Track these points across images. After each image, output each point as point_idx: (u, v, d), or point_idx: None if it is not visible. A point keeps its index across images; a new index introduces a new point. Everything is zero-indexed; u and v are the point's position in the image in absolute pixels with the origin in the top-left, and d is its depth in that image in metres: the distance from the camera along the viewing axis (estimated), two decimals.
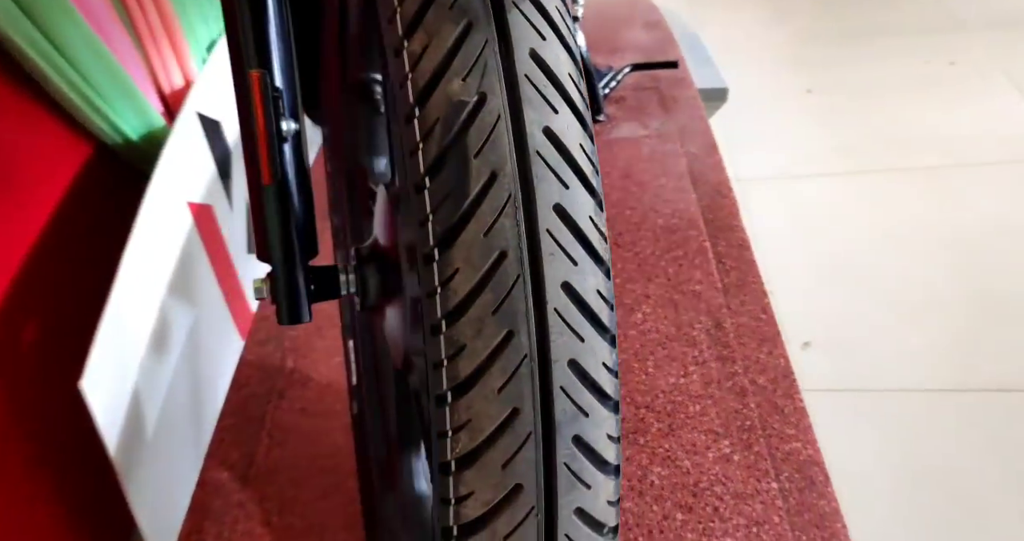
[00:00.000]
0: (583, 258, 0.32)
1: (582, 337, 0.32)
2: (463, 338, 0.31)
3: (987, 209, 1.71)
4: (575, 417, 0.32)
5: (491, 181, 0.30)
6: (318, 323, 1.04)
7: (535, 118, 0.31)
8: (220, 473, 0.87)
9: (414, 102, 0.31)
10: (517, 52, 0.31)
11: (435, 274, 0.31)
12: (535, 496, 0.32)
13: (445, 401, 0.32)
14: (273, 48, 0.50)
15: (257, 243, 0.55)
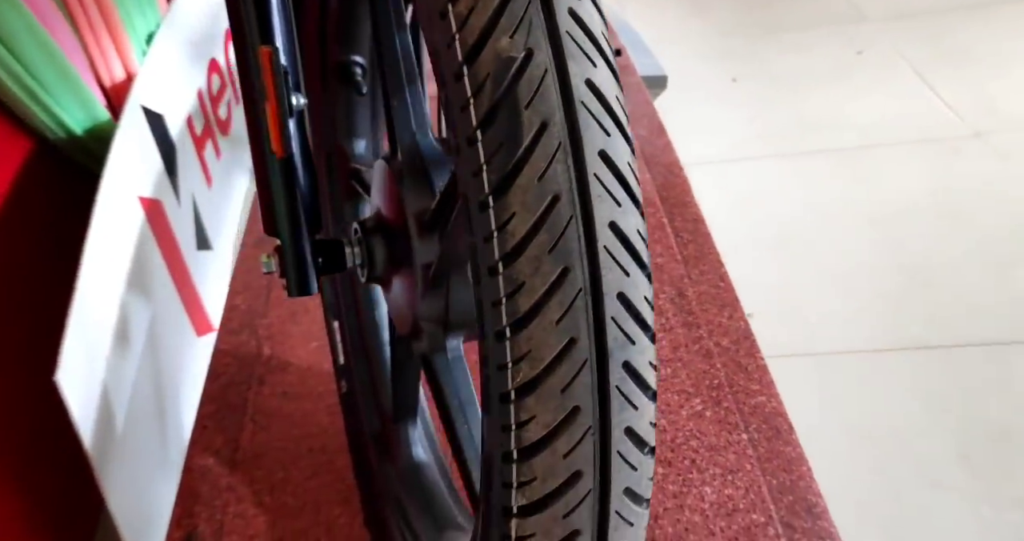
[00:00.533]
0: (625, 200, 0.35)
1: (627, 272, 0.35)
2: (521, 276, 0.33)
3: (900, 184, 1.86)
4: (624, 345, 0.35)
5: (542, 130, 0.32)
6: (291, 309, 1.04)
7: (578, 71, 0.33)
8: (205, 459, 0.86)
9: (463, 60, 0.33)
10: (558, 10, 0.33)
11: (491, 220, 0.33)
12: (591, 417, 0.35)
13: (504, 336, 0.34)
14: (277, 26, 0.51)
15: (264, 218, 0.56)
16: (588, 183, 0.33)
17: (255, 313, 1.04)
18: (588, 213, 0.33)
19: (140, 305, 1.14)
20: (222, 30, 1.89)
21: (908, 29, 2.54)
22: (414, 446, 0.74)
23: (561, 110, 0.33)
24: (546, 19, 0.33)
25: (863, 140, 2.03)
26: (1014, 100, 2.07)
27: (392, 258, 0.56)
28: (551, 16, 0.33)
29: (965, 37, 2.42)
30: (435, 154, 0.55)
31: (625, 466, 0.36)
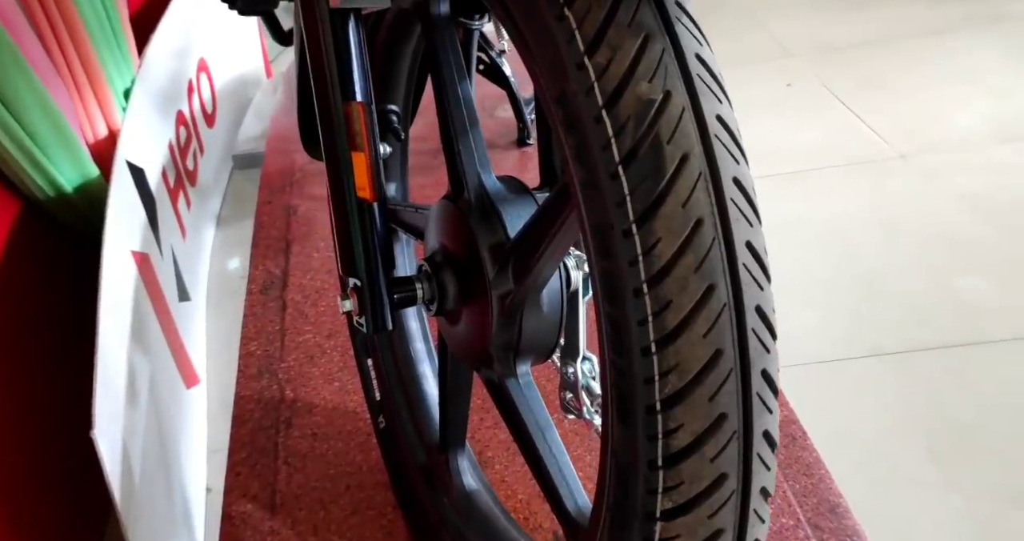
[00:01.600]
0: (754, 220, 0.39)
1: (761, 286, 0.39)
2: (669, 295, 0.37)
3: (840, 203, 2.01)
4: (762, 354, 0.39)
5: (683, 162, 0.37)
6: (308, 353, 1.05)
7: (710, 108, 0.38)
8: (244, 506, 0.86)
9: (603, 105, 0.38)
10: (688, 55, 0.38)
11: (636, 245, 0.37)
12: (736, 422, 0.38)
13: (650, 352, 0.38)
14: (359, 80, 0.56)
15: (342, 259, 0.59)
16: (727, 207, 0.38)
17: (272, 358, 1.05)
18: (728, 234, 0.38)
19: (141, 359, 1.13)
20: (186, 82, 1.90)
21: (830, 63, 2.76)
22: (464, 475, 0.77)
23: (699, 143, 0.38)
24: (679, 64, 0.38)
25: (802, 164, 2.19)
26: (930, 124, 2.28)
27: (463, 292, 0.60)
28: (682, 61, 0.38)
29: (881, 68, 2.65)
30: (500, 192, 0.59)
31: (762, 467, 0.40)
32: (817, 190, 2.10)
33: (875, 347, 1.58)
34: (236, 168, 2.06)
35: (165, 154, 1.61)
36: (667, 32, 0.38)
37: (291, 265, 1.19)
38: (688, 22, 0.40)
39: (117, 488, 0.85)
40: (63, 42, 1.17)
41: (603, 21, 0.38)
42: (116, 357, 0.99)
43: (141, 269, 1.25)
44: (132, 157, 1.34)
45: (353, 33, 0.55)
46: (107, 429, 0.84)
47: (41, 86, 1.02)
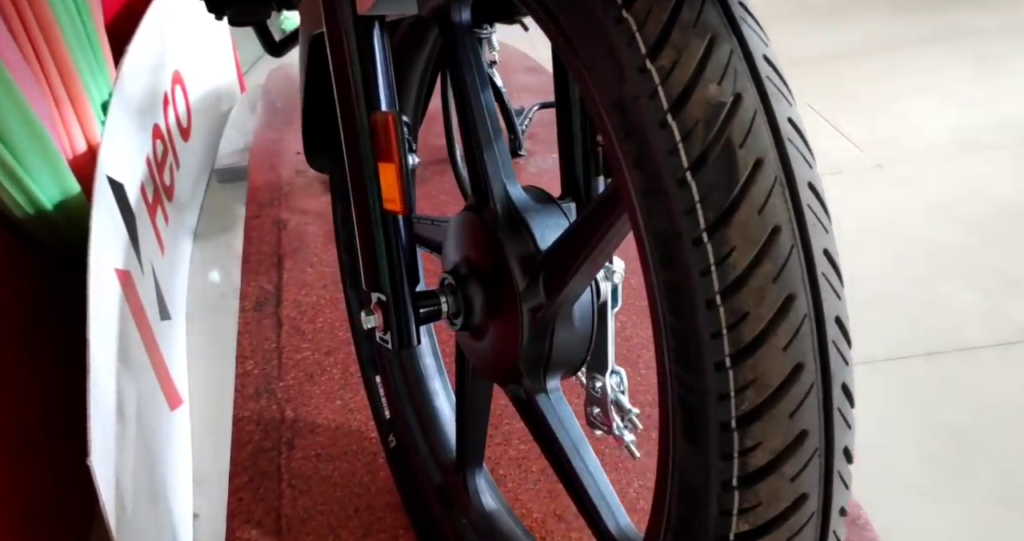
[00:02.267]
0: (829, 227, 0.38)
1: (839, 295, 0.37)
2: (745, 306, 0.35)
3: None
4: (842, 367, 0.37)
5: (757, 166, 0.36)
6: (307, 371, 1.02)
7: (781, 110, 0.37)
8: (248, 532, 0.82)
9: (668, 109, 0.36)
10: (756, 56, 0.37)
11: (709, 255, 0.35)
12: (818, 439, 0.37)
13: (725, 366, 0.36)
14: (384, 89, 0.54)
15: (366, 274, 0.57)
16: (804, 213, 0.37)
17: (270, 377, 1.01)
18: (807, 241, 0.36)
19: (128, 381, 1.08)
20: (162, 94, 1.85)
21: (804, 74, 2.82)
22: (483, 494, 0.75)
23: (773, 147, 0.36)
24: (748, 66, 0.37)
25: None
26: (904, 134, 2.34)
27: (490, 305, 0.58)
28: (752, 63, 0.37)
29: (854, 80, 2.71)
30: (526, 202, 0.58)
31: (841, 485, 0.39)
32: None
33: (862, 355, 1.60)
34: (219, 182, 2.01)
35: (143, 169, 1.56)
36: (734, 32, 0.37)
37: (284, 281, 1.16)
38: (753, 22, 0.38)
39: (112, 516, 0.80)
40: (41, 54, 1.13)
41: (666, 22, 0.36)
42: (106, 380, 0.94)
43: (124, 288, 1.21)
44: (112, 172, 1.29)
45: (378, 41, 0.53)
46: (102, 455, 0.80)
47: (23, 99, 0.98)
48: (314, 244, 1.28)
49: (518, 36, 2.12)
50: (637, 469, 0.88)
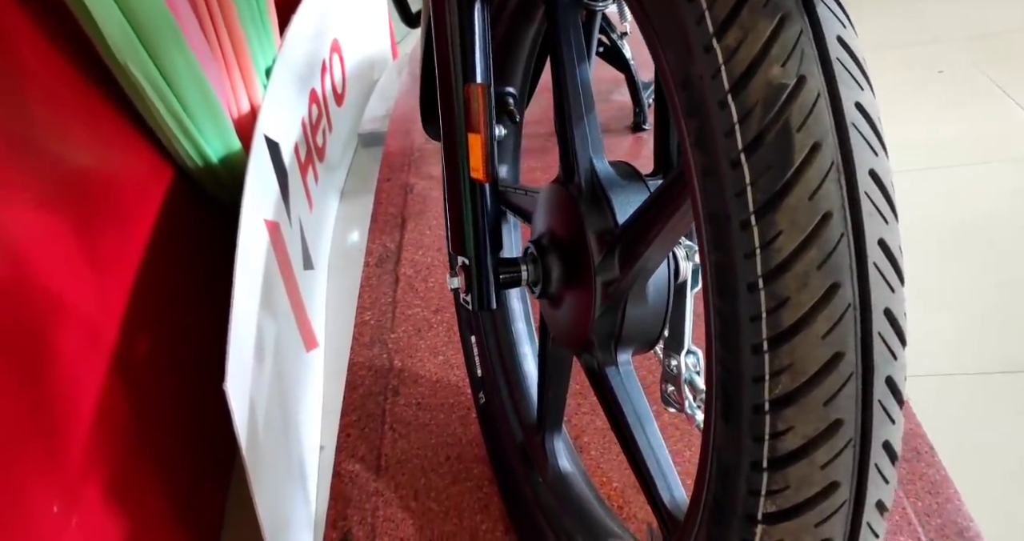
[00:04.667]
0: (891, 216, 0.36)
1: (892, 288, 0.36)
2: (787, 292, 0.35)
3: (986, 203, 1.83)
4: (888, 360, 0.37)
5: (815, 151, 0.35)
6: (417, 326, 1.09)
7: (848, 94, 0.36)
8: (352, 465, 0.91)
9: (729, 89, 0.36)
10: (828, 38, 0.36)
11: (755, 237, 0.35)
12: (853, 430, 0.36)
13: (762, 350, 0.36)
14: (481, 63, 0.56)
15: (453, 238, 0.61)
16: (860, 201, 0.36)
17: (384, 328, 1.10)
18: (859, 230, 0.36)
19: (269, 321, 1.21)
20: (320, 62, 2.00)
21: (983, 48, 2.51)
22: (559, 457, 0.78)
23: (833, 132, 0.35)
24: (818, 48, 0.36)
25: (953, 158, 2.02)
26: None
27: (567, 276, 0.60)
28: (821, 44, 0.36)
29: None
30: (611, 177, 0.59)
31: (880, 479, 0.38)
32: (961, 187, 1.93)
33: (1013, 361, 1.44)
34: (361, 146, 2.15)
35: (298, 130, 1.71)
36: (807, 12, 0.36)
37: (405, 241, 1.24)
38: (832, 2, 0.37)
39: (244, 438, 0.92)
40: (217, 25, 1.27)
41: (737, 1, 0.36)
42: (248, 317, 1.07)
43: (272, 237, 1.34)
44: (270, 132, 1.43)
45: (479, 16, 0.56)
46: (238, 383, 0.91)
47: (198, 66, 1.11)
48: (435, 208, 1.36)
49: None
50: None
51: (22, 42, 0.90)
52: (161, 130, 1.14)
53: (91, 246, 0.99)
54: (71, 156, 0.99)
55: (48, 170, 0.92)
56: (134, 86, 1.04)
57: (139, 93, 1.05)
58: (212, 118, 1.20)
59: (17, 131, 0.86)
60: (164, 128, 1.14)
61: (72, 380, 0.86)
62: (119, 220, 1.11)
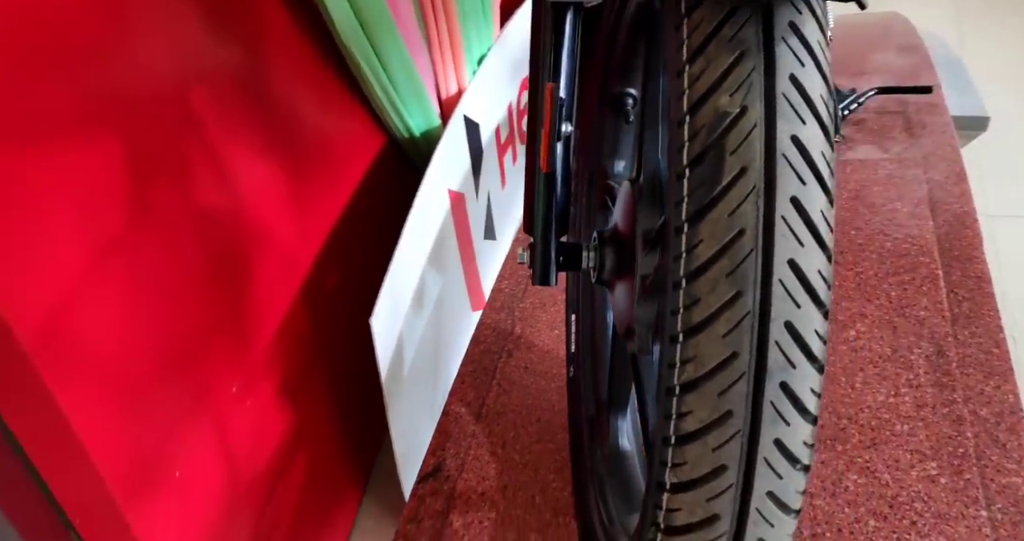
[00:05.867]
0: (809, 242, 0.39)
1: (798, 304, 0.39)
2: (699, 293, 0.40)
3: None
4: (784, 367, 0.40)
5: (740, 174, 0.39)
6: (543, 299, 1.19)
7: (785, 127, 0.39)
8: (459, 408, 1.05)
9: (686, 111, 0.41)
10: (779, 75, 0.39)
11: (682, 243, 0.40)
12: (742, 421, 0.40)
13: (677, 340, 0.41)
14: (564, 65, 0.63)
15: (524, 218, 0.69)
16: (775, 223, 0.39)
17: (515, 297, 1.21)
18: (769, 249, 0.39)
19: (434, 277, 1.39)
20: None
21: None
22: (621, 435, 0.83)
23: (761, 159, 0.39)
24: (766, 82, 0.40)
25: None
26: None
27: (617, 266, 0.66)
28: (771, 79, 0.40)
29: None
30: None
31: (770, 472, 0.41)
32: None
33: None
34: None
35: (503, 114, 1.87)
36: (765, 50, 0.40)
37: None
38: (796, 42, 0.40)
39: (384, 371, 1.10)
40: (438, 16, 1.46)
41: (708, 35, 0.41)
42: (409, 269, 1.25)
43: (454, 205, 1.52)
44: (470, 112, 1.60)
45: (569, 23, 0.63)
46: (383, 321, 1.09)
47: (407, 52, 1.31)
48: None
49: (912, 9, 1.87)
50: None
51: (279, 28, 1.15)
52: (375, 104, 1.36)
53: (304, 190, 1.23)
54: (304, 118, 1.23)
55: (284, 127, 1.16)
56: (356, 66, 1.26)
57: (360, 72, 1.27)
58: (416, 97, 1.40)
59: (268, 95, 1.11)
60: (377, 102, 1.36)
61: (267, 294, 1.10)
62: (331, 173, 1.35)
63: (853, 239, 1.22)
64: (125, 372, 0.73)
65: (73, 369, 0.65)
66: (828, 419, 0.95)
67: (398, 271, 1.18)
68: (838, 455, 0.90)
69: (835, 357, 1.02)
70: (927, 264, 1.14)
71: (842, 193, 1.33)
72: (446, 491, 0.94)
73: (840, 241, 1.21)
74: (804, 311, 0.40)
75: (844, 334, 1.06)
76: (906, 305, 1.08)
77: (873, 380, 0.99)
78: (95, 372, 0.68)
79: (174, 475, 0.80)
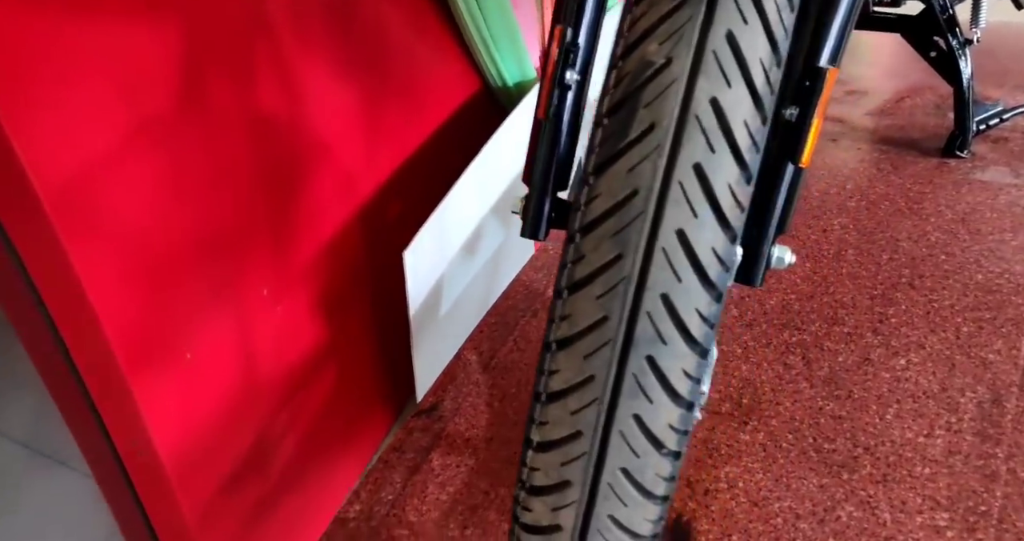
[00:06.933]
0: (706, 214, 0.36)
1: (680, 277, 0.36)
2: (585, 250, 0.38)
3: None
4: (653, 340, 0.37)
5: (648, 130, 0.36)
6: None
7: (706, 87, 0.35)
8: (471, 356, 1.06)
9: (619, 56, 0.38)
10: (714, 29, 0.35)
11: (584, 194, 0.38)
12: (602, 389, 0.38)
13: (561, 295, 0.39)
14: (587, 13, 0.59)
15: (525, 168, 0.67)
16: (670, 188, 0.36)
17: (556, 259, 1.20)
18: (659, 215, 0.36)
19: (495, 229, 1.39)
20: None
21: None
22: None
23: (673, 118, 0.36)
24: (699, 36, 0.36)
25: None
26: None
27: None
28: (704, 34, 0.36)
29: None
30: None
31: (626, 448, 0.39)
32: None
33: None
34: None
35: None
36: (708, 4, 0.36)
37: None
38: (747, 2, 0.36)
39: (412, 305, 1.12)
40: None
41: None
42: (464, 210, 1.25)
43: None
44: None
45: None
46: (418, 256, 1.11)
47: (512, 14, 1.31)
48: None
49: None
50: None
51: None
52: (470, 46, 1.37)
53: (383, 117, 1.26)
54: (395, 47, 1.25)
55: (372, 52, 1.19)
56: (459, 15, 1.27)
57: (461, 21, 1.29)
58: (513, 48, 1.39)
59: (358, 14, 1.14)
60: (475, 50, 1.36)
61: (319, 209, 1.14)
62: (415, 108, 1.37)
63: (940, 264, 1.10)
64: (150, 246, 0.78)
65: (94, 233, 0.71)
66: (842, 444, 0.87)
67: (449, 209, 1.20)
68: (840, 483, 0.84)
69: (872, 382, 0.94)
70: (1018, 306, 1.01)
71: (946, 213, 1.20)
72: (435, 430, 0.96)
73: (924, 263, 1.10)
74: (685, 286, 0.36)
75: (892, 361, 0.96)
76: (975, 344, 0.96)
77: (907, 415, 0.90)
78: (117, 240, 0.74)
79: (184, 356, 0.87)
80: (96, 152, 0.68)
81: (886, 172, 1.33)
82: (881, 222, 1.21)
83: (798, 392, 0.95)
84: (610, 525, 0.41)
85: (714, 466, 0.87)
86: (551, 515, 0.41)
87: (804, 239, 1.20)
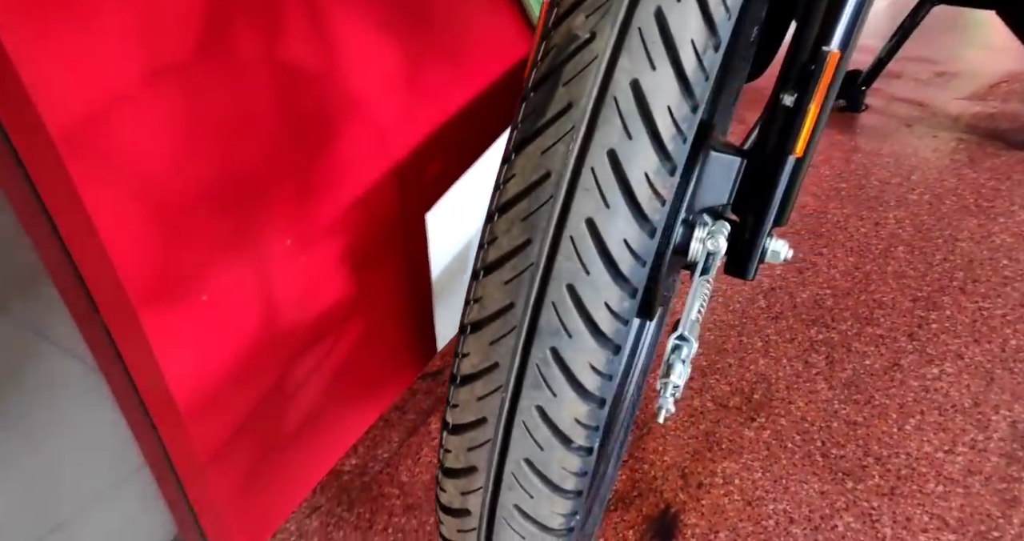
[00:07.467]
0: (619, 204, 0.33)
1: (587, 269, 0.34)
2: (498, 232, 0.36)
3: None
4: (557, 332, 0.35)
5: (564, 110, 0.33)
6: None
7: (627, 67, 0.32)
8: None
9: (550, 27, 0.35)
10: (643, 4, 0.32)
11: (503, 173, 0.36)
12: (506, 377, 0.37)
13: (477, 277, 0.38)
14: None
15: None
16: (581, 173, 0.34)
17: None
18: (569, 200, 0.34)
19: None
20: None
21: None
22: None
23: (591, 98, 0.33)
24: (626, 10, 0.33)
25: None
26: None
27: None
28: (632, 9, 0.33)
29: None
30: None
31: (529, 439, 0.37)
32: None
33: None
34: None
35: None
36: None
37: None
38: None
39: (434, 266, 1.13)
40: None
41: None
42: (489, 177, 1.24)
43: None
44: None
45: None
46: (439, 218, 1.11)
47: None
48: None
49: None
50: None
51: None
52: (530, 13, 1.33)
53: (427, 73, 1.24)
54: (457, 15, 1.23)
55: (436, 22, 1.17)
56: None
57: None
58: None
59: None
60: (531, 13, 1.32)
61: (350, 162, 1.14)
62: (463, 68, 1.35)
63: (1000, 269, 1.01)
64: (166, 187, 0.80)
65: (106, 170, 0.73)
66: (852, 451, 0.83)
67: (477, 175, 1.18)
68: (843, 491, 0.79)
69: (897, 390, 0.88)
70: None
71: (1019, 214, 1.09)
72: (438, 394, 0.97)
73: (982, 266, 1.01)
74: (593, 278, 0.34)
75: (924, 369, 0.90)
76: (1021, 360, 0.88)
77: (929, 427, 0.84)
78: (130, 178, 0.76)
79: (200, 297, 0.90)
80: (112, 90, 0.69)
81: (959, 164, 1.22)
82: (942, 219, 1.12)
83: (814, 392, 0.90)
84: (515, 514, 0.40)
85: (712, 460, 0.84)
86: (461, 499, 0.41)
87: (852, 231, 1.12)
